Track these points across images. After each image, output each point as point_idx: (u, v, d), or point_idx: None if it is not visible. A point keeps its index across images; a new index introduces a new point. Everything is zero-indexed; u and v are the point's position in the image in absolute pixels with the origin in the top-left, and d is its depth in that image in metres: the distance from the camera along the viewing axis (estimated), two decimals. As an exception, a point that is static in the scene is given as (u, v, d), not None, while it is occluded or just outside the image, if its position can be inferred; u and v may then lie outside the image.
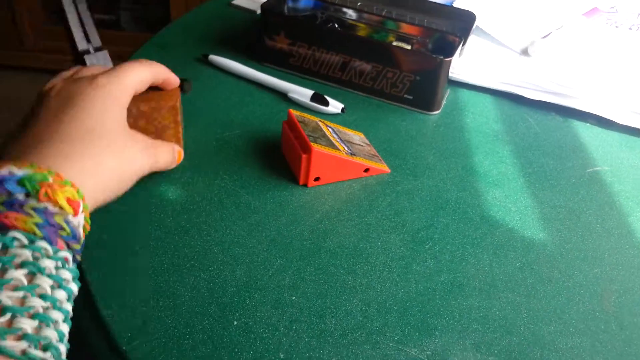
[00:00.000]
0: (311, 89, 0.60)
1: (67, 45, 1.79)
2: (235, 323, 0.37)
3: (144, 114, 0.46)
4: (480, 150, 0.55)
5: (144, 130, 0.46)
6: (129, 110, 0.44)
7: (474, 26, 0.64)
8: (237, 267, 0.41)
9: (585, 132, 0.59)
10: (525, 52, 0.68)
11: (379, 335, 0.37)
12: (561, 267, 0.43)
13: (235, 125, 0.56)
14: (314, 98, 0.59)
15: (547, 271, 0.43)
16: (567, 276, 0.43)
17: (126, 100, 0.42)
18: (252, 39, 0.69)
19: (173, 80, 0.47)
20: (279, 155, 0.52)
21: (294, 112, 0.51)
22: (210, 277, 0.40)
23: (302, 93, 0.60)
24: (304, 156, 0.47)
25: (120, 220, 0.44)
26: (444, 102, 0.62)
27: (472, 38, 0.67)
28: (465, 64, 0.65)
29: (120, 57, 0.69)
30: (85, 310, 0.37)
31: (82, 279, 0.39)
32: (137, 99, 0.45)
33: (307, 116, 0.52)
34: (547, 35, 0.70)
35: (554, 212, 0.49)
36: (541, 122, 0.60)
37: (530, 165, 0.54)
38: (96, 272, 0.39)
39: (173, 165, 0.48)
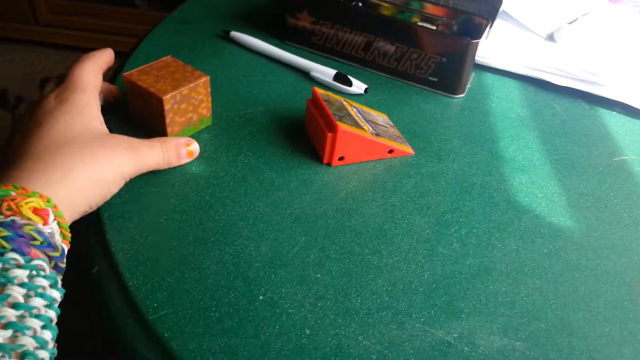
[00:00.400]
0: (334, 68, 0.59)
1: (81, 20, 1.78)
2: (260, 297, 0.37)
3: (185, 96, 0.46)
4: (506, 135, 0.54)
5: (185, 111, 0.47)
6: (173, 97, 0.45)
7: (500, 9, 0.63)
8: (262, 243, 0.40)
9: (612, 120, 0.58)
10: (551, 37, 0.67)
11: (405, 316, 0.37)
12: (589, 255, 0.43)
13: (258, 102, 0.55)
14: (337, 77, 0.58)
15: (574, 259, 0.42)
16: (595, 264, 0.42)
17: (94, 102, 0.43)
18: (273, 16, 0.68)
19: (109, 55, 0.48)
20: (302, 134, 0.51)
21: (319, 91, 0.50)
22: (235, 251, 0.40)
23: (324, 72, 0.59)
24: (329, 135, 0.46)
25: (143, 193, 0.43)
26: (468, 85, 0.61)
27: (497, 22, 0.65)
28: (490, 48, 0.64)
29: (136, 36, 0.68)
30: (111, 280, 0.37)
31: (107, 249, 0.39)
32: (174, 86, 0.45)
33: (332, 95, 0.51)
34: (574, 21, 0.68)
35: (581, 199, 0.48)
36: (567, 109, 0.59)
37: (556, 152, 0.53)
38: (121, 243, 0.39)
39: (176, 163, 0.45)
